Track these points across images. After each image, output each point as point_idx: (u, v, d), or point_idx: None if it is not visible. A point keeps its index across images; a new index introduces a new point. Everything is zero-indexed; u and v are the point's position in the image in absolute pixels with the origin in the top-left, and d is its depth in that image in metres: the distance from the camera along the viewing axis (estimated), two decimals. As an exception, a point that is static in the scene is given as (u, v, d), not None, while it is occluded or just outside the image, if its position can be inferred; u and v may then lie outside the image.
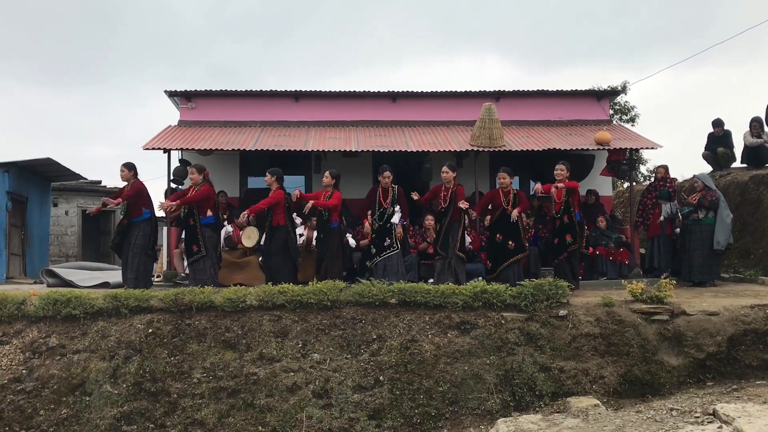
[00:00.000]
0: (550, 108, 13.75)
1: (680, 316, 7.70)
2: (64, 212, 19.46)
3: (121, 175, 9.85)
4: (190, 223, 9.76)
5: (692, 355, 7.40)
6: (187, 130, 12.58)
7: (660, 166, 12.14)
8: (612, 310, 7.74)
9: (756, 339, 7.50)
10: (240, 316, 7.59)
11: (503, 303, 7.72)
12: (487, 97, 13.27)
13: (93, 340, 7.36)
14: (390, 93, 13.64)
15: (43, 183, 15.46)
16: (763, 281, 10.46)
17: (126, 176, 9.82)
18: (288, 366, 7.14)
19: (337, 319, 7.57)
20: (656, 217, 11.38)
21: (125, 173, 9.83)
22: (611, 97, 15.11)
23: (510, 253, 9.71)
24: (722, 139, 13.46)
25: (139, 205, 9.67)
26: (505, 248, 9.73)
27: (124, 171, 9.83)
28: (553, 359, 7.27)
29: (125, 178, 9.84)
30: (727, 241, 10.18)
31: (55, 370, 7.12)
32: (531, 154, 11.65)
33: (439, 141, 11.97)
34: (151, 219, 9.81)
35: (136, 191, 9.65)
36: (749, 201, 12.01)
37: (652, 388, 7.16)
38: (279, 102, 13.56)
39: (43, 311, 7.58)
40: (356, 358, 7.23)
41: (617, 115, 23.34)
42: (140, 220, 9.66)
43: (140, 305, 7.65)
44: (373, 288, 7.82)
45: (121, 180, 9.89)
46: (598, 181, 13.01)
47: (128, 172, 9.82)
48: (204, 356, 7.23)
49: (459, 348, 7.30)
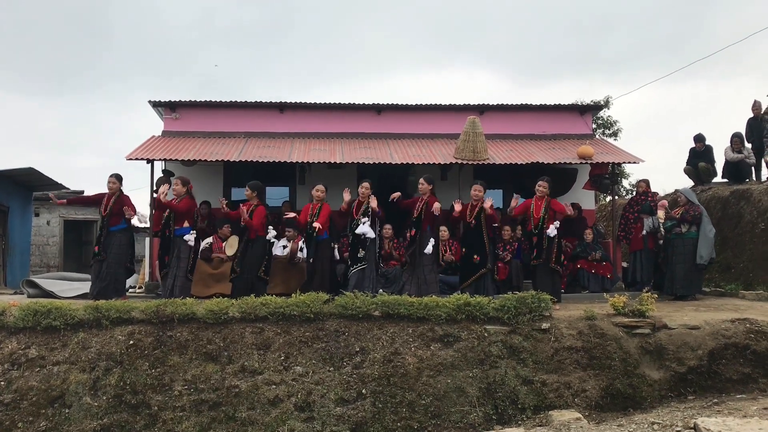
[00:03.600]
0: (533, 122, 13.83)
1: (662, 330, 7.73)
2: (45, 222, 19.33)
3: (111, 186, 9.87)
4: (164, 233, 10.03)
5: (673, 368, 7.43)
6: (170, 141, 12.54)
7: (641, 180, 12.24)
8: (594, 324, 7.76)
9: (736, 353, 7.53)
10: (222, 328, 7.54)
11: (486, 316, 7.73)
12: (471, 111, 13.32)
13: (73, 352, 7.29)
14: (375, 105, 13.67)
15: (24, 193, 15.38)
16: (743, 295, 10.55)
17: (116, 188, 9.85)
18: (270, 379, 7.10)
19: (320, 332, 7.55)
20: (638, 231, 11.45)
21: (116, 185, 9.86)
22: (594, 111, 15.22)
23: (476, 267, 9.82)
24: (704, 154, 13.60)
25: (121, 215, 9.70)
26: (471, 262, 9.86)
27: (114, 182, 9.87)
28: (535, 372, 7.28)
29: (114, 190, 9.85)
30: (709, 255, 10.27)
31: (34, 382, 7.04)
32: (514, 168, 11.70)
33: (423, 153, 12.00)
34: (129, 229, 9.89)
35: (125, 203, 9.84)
36: (730, 216, 12.12)
37: (634, 401, 7.18)
38: (264, 113, 13.55)
39: (23, 322, 7.49)
40: (339, 370, 7.21)
41: (600, 129, 23.55)
42: (117, 230, 9.72)
43: (121, 317, 7.58)
44: (356, 300, 7.80)
45: (109, 191, 9.87)
46: (581, 194, 13.07)
47: (118, 184, 9.87)
48: (185, 368, 7.18)
49: (442, 361, 7.29)
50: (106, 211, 9.77)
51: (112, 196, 9.87)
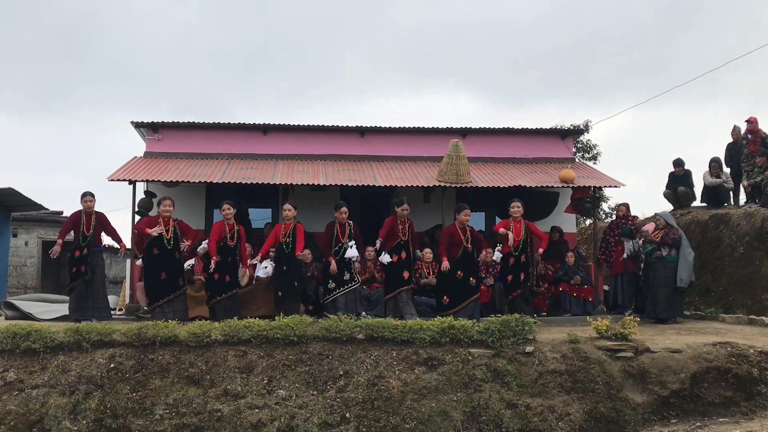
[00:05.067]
0: (515, 145, 13.93)
1: (644, 353, 7.77)
2: (23, 243, 19.12)
3: (89, 204, 9.81)
4: (176, 256, 9.60)
5: (656, 392, 7.47)
6: (153, 162, 12.48)
7: (621, 204, 12.35)
8: (577, 347, 7.78)
9: (718, 376, 7.58)
10: (204, 351, 7.47)
11: (470, 339, 7.73)
12: (454, 134, 13.42)
13: (53, 375, 7.19)
14: (358, 128, 13.71)
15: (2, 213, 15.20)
16: (723, 319, 10.65)
17: (93, 205, 9.81)
18: (253, 402, 7.04)
19: (304, 355, 7.50)
20: (619, 254, 11.53)
21: (93, 202, 9.82)
22: (575, 135, 15.40)
23: (472, 290, 9.85)
24: (682, 179, 13.76)
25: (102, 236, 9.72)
26: (467, 285, 9.85)
27: (92, 200, 9.82)
28: (519, 396, 7.28)
29: (91, 208, 9.81)
30: (689, 278, 10.36)
31: (12, 406, 6.93)
32: (497, 191, 11.77)
33: (406, 176, 12.04)
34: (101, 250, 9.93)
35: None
36: (709, 240, 12.25)
37: (617, 425, 7.20)
38: (247, 135, 13.52)
39: (1, 345, 7.38)
40: (322, 394, 7.16)
41: (579, 153, 23.76)
42: (99, 250, 9.76)
43: (102, 339, 7.49)
44: (340, 323, 7.77)
45: (85, 209, 9.81)
46: (563, 218, 13.16)
47: (94, 202, 9.84)
48: (167, 392, 7.10)
49: (426, 384, 7.27)
50: (90, 231, 9.70)
51: (91, 215, 9.83)
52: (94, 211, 9.92)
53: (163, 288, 9.44)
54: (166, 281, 9.44)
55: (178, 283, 9.55)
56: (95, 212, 9.93)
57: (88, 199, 9.88)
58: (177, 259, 9.61)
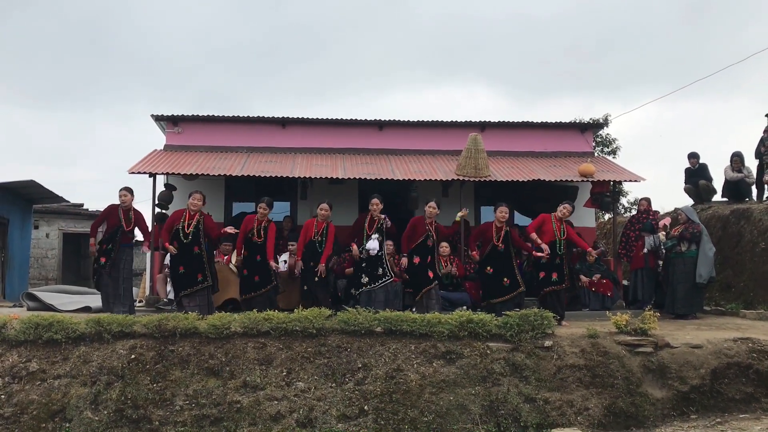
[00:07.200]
0: (534, 139, 13.88)
1: (664, 349, 7.73)
2: (45, 235, 19.31)
3: (126, 199, 9.82)
4: (195, 251, 9.46)
5: (676, 387, 7.42)
6: (172, 155, 12.56)
7: (643, 198, 12.27)
8: (597, 342, 7.75)
9: (739, 372, 7.53)
10: (224, 343, 7.50)
11: (489, 333, 7.71)
12: (472, 128, 13.38)
13: (74, 366, 7.25)
14: (377, 121, 13.72)
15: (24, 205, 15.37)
16: (744, 314, 10.56)
17: (129, 200, 9.83)
18: (272, 394, 7.07)
19: (323, 347, 7.52)
20: (639, 249, 11.46)
21: (128, 197, 9.84)
22: (594, 129, 15.26)
23: (505, 289, 9.62)
24: (698, 172, 13.64)
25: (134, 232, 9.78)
26: (500, 284, 9.66)
27: (128, 195, 9.84)
28: (538, 390, 7.26)
29: (128, 202, 9.83)
30: (709, 274, 10.28)
31: (35, 396, 7.01)
32: (516, 185, 11.73)
33: (425, 170, 12.03)
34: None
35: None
36: (730, 235, 12.14)
37: (637, 420, 7.16)
38: (266, 128, 13.59)
39: (24, 335, 7.45)
40: (341, 387, 7.18)
41: (599, 147, 23.62)
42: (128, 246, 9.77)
43: (123, 330, 7.54)
44: (359, 316, 7.78)
45: (122, 204, 9.81)
46: (582, 212, 13.10)
47: (131, 197, 9.87)
48: (187, 383, 7.14)
49: (444, 378, 7.27)
50: (129, 227, 9.77)
51: (128, 210, 9.86)
52: (132, 208, 9.94)
53: (181, 282, 9.44)
54: (184, 275, 9.40)
55: (197, 278, 9.39)
56: (133, 209, 9.95)
57: (123, 193, 9.84)
58: (196, 254, 9.44)
